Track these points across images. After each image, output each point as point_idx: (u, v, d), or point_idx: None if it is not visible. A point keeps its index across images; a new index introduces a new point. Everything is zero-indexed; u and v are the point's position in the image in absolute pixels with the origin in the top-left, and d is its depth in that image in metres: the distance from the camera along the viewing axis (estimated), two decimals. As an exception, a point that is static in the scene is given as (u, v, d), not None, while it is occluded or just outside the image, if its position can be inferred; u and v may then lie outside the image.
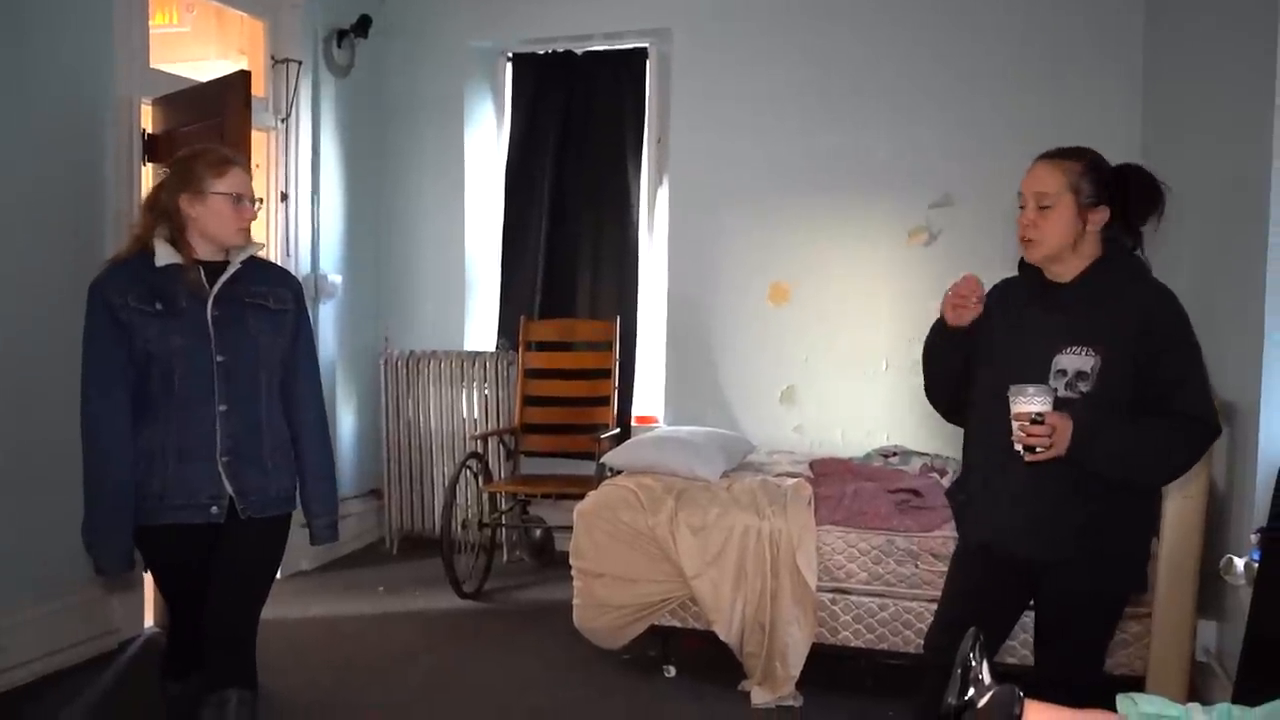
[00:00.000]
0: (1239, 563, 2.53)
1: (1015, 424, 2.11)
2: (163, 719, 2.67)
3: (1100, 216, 2.22)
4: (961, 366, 2.42)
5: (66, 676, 3.56)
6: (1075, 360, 2.18)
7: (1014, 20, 4.57)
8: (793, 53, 4.86)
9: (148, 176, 3.96)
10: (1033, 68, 4.54)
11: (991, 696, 1.49)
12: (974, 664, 1.53)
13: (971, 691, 1.52)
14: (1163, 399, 2.14)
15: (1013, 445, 2.13)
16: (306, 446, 2.63)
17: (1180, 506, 3.01)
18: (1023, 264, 2.38)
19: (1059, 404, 2.13)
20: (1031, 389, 2.10)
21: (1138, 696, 1.56)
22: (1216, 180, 3.32)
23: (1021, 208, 2.27)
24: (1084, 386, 2.16)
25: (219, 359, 2.42)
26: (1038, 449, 2.10)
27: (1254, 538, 2.51)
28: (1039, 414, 2.08)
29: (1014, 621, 2.46)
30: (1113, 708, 1.59)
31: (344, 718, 3.33)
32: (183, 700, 2.57)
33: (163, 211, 2.46)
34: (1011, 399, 2.11)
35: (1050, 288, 2.29)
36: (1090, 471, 2.14)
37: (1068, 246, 2.22)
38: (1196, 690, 3.11)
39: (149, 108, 4.04)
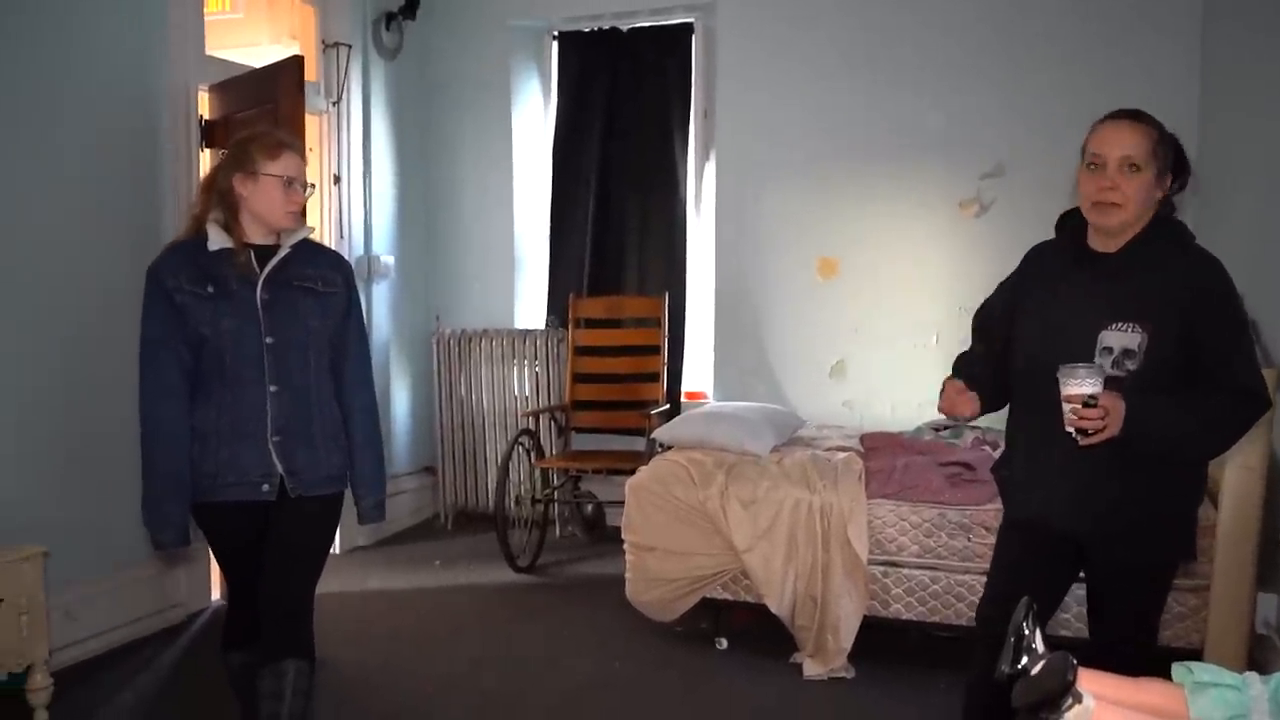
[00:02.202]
0: (1300, 535, 2.49)
1: (1067, 407, 2.03)
2: (226, 688, 2.75)
3: (1168, 185, 2.17)
4: (991, 384, 2.38)
5: (137, 648, 3.69)
6: (1122, 337, 2.11)
7: (1067, -14, 4.48)
8: (839, 23, 4.81)
9: (205, 162, 4.05)
10: (1088, 36, 4.45)
11: (1045, 664, 1.50)
12: (1027, 633, 1.54)
13: (1025, 660, 1.53)
14: (1212, 372, 2.09)
15: (1055, 419, 2.07)
16: (356, 428, 2.67)
17: (1240, 477, 2.96)
18: (1060, 227, 2.32)
19: (1105, 383, 2.06)
20: (1082, 370, 2.02)
21: (1194, 665, 1.56)
22: (1277, 150, 3.24)
23: (1093, 165, 2.13)
24: (1131, 364, 2.10)
25: (268, 340, 2.47)
26: (1090, 431, 2.03)
27: (1315, 509, 2.47)
28: (1092, 396, 2.00)
29: (1063, 594, 2.44)
30: (1169, 678, 1.59)
31: (401, 687, 3.41)
32: (244, 669, 2.64)
33: (218, 192, 2.52)
34: (1061, 381, 2.03)
35: (1093, 257, 2.21)
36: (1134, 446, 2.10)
37: (1145, 214, 2.14)
38: (1256, 663, 3.07)
39: (205, 94, 4.12)
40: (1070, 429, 2.05)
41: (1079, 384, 2.01)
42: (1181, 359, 2.10)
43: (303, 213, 2.62)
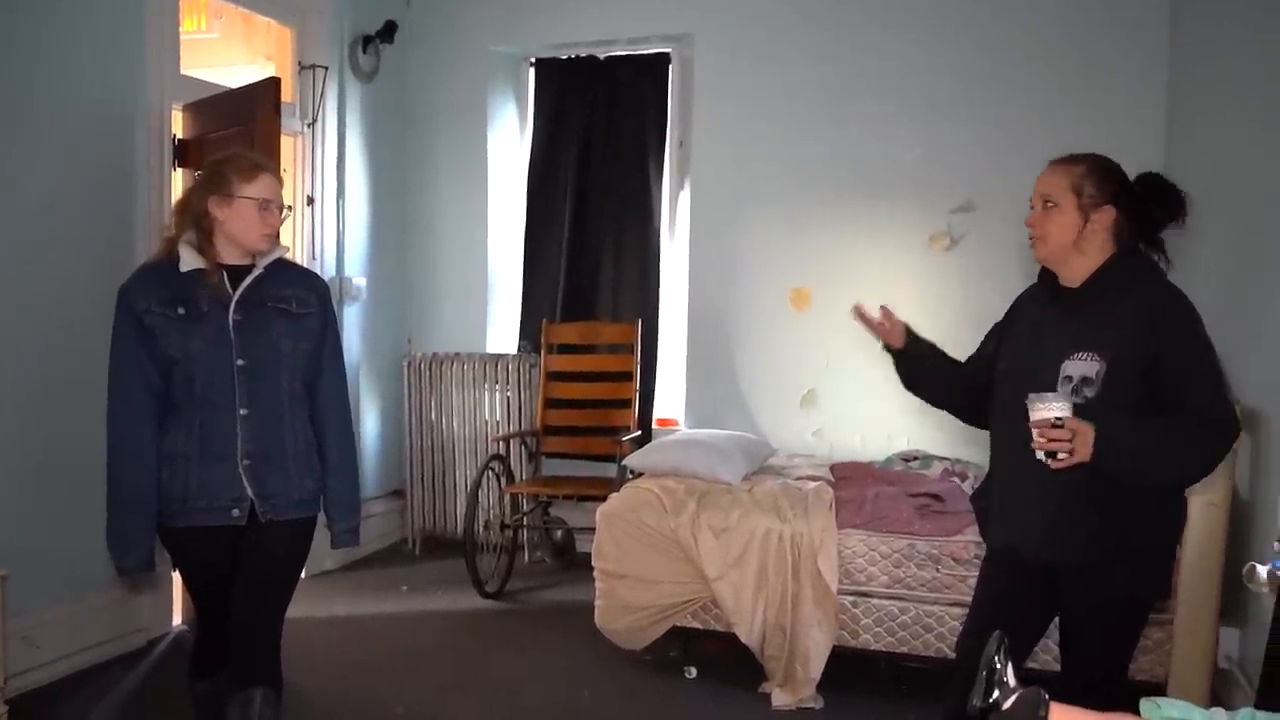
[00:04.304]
0: (1262, 570, 2.51)
1: (1035, 431, 2.11)
2: (190, 716, 2.71)
3: (1104, 217, 2.24)
4: (945, 368, 2.57)
5: (96, 673, 3.61)
6: (1081, 366, 2.19)
7: (1038, 26, 4.57)
8: (813, 59, 4.88)
9: (178, 181, 4.02)
10: (1057, 75, 4.54)
11: (1017, 699, 1.51)
12: (999, 666, 1.55)
13: (996, 694, 1.53)
14: (1178, 399, 2.14)
15: (1029, 450, 2.15)
16: (330, 451, 2.64)
17: (1203, 513, 3.01)
18: (1042, 269, 2.40)
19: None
20: (1050, 396, 2.12)
21: (1162, 701, 1.57)
22: (1241, 186, 3.32)
23: (1031, 208, 2.34)
24: (1089, 392, 2.17)
25: (239, 363, 2.44)
26: (1060, 455, 2.10)
27: (1278, 545, 2.51)
28: (1059, 418, 2.08)
29: (1043, 627, 2.47)
30: (1137, 712, 1.60)
31: (367, 715, 3.36)
32: (210, 698, 2.60)
33: (192, 214, 2.50)
34: (1030, 407, 2.12)
35: (1062, 292, 2.32)
36: (1107, 476, 2.14)
37: (1069, 245, 2.26)
38: (1219, 697, 3.11)
39: (179, 113, 4.10)
40: (1040, 454, 2.13)
41: (1046, 408, 2.11)
42: (1142, 389, 2.16)
43: (277, 234, 2.60)
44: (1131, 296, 2.21)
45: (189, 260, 2.45)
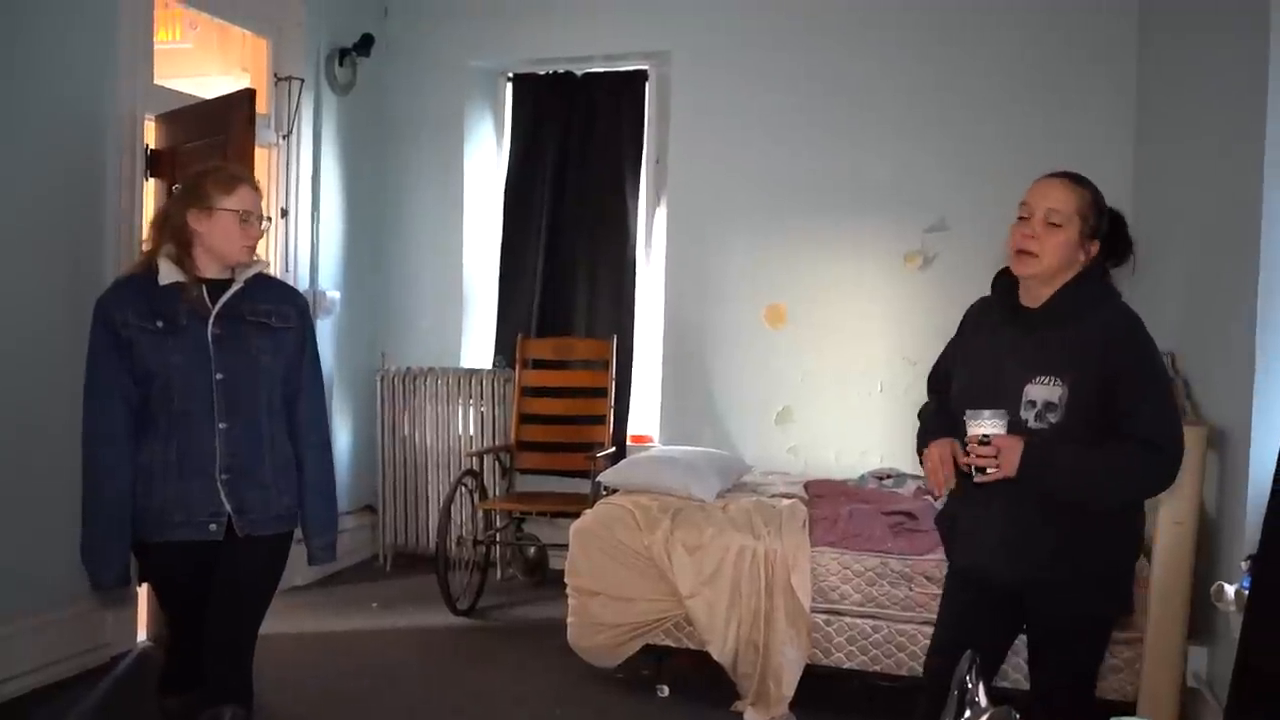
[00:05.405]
0: (1230, 589, 2.55)
1: (966, 446, 2.19)
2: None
3: (1093, 250, 2.26)
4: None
5: (58, 690, 3.55)
6: (1043, 390, 2.20)
7: (1010, 47, 4.63)
8: (791, 77, 4.91)
9: (150, 192, 3.98)
10: (1029, 95, 4.60)
11: (988, 719, 1.51)
12: (970, 686, 1.55)
13: (968, 714, 1.53)
14: (1124, 423, 2.15)
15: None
16: (308, 466, 2.64)
17: (1171, 532, 3.03)
18: (996, 284, 2.40)
19: (1031, 435, 2.16)
20: (987, 413, 2.16)
21: (1130, 720, 1.58)
22: (1208, 205, 3.37)
23: (1022, 218, 2.25)
24: (1053, 417, 2.18)
25: (218, 377, 2.44)
26: (987, 470, 2.16)
27: (1245, 565, 2.53)
28: (986, 435, 2.15)
29: (1008, 644, 2.48)
30: (1106, 731, 1.61)
31: (337, 734, 3.33)
32: (180, 714, 2.57)
33: (170, 227, 2.49)
34: (967, 423, 2.18)
35: (1021, 312, 2.31)
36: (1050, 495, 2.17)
37: (1060, 268, 2.23)
38: (1187, 716, 3.12)
39: (152, 123, 4.06)
40: (964, 467, 2.21)
41: (979, 424, 2.17)
42: (1101, 412, 2.17)
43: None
44: (1090, 320, 2.22)
45: (168, 273, 2.44)
